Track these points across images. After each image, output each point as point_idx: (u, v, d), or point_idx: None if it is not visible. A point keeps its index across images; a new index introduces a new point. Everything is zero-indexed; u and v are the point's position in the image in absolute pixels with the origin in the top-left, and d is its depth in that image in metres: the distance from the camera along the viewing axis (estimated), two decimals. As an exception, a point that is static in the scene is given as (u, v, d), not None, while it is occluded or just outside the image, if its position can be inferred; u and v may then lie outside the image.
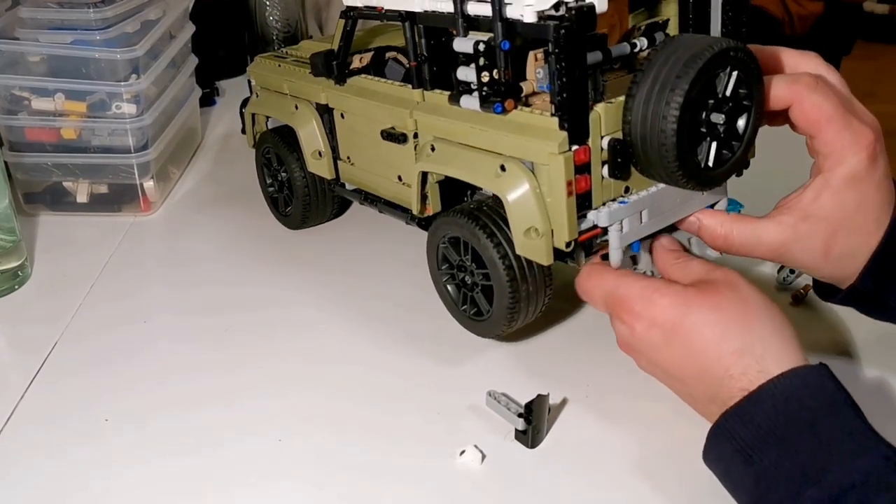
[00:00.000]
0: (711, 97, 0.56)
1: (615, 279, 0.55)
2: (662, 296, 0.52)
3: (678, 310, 0.51)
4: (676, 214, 0.62)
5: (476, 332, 0.67)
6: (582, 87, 0.56)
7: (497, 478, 0.56)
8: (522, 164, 0.59)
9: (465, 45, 0.58)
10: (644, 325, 0.52)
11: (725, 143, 0.58)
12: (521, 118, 0.59)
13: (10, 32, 0.86)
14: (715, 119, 0.56)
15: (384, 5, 0.66)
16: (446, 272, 0.68)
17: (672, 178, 0.56)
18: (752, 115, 0.58)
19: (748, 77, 0.56)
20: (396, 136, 0.68)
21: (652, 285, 0.53)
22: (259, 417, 0.62)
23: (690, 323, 0.51)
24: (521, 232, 0.59)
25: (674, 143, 0.54)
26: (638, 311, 0.53)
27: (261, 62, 0.87)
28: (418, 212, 0.69)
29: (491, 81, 0.58)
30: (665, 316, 0.52)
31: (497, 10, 0.56)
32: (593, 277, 0.56)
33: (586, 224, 0.59)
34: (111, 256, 0.84)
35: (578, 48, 0.54)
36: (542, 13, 0.54)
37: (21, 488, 0.57)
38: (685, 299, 0.52)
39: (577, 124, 0.56)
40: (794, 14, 2.15)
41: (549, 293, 0.64)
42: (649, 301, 0.52)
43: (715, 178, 0.58)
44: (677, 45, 0.55)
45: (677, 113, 0.53)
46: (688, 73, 0.53)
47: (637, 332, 0.53)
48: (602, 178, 0.59)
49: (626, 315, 0.53)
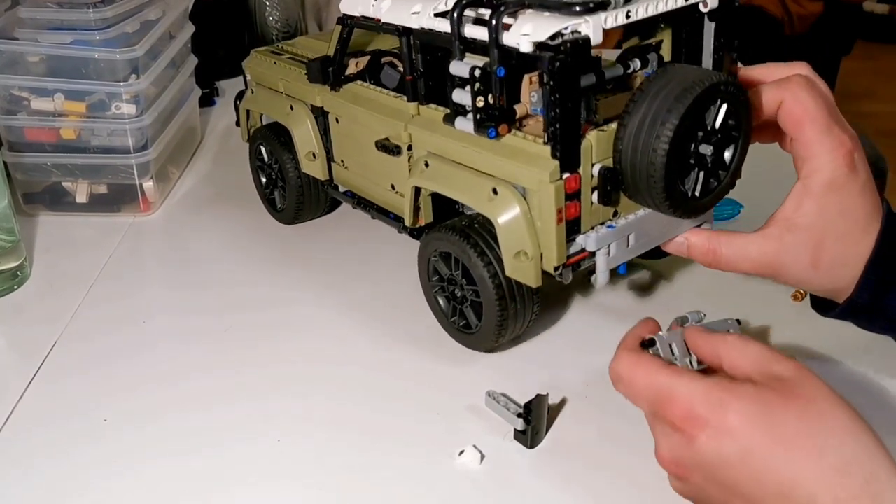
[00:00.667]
0: (701, 129, 0.57)
1: (669, 376, 0.45)
2: (737, 398, 0.42)
3: (759, 417, 0.42)
4: (663, 237, 0.63)
5: (464, 344, 0.68)
6: (575, 118, 0.57)
7: (496, 478, 0.56)
8: (514, 189, 0.60)
9: (461, 69, 0.59)
10: (712, 434, 0.42)
11: (712, 172, 0.59)
12: (515, 143, 0.60)
13: (10, 32, 0.86)
14: (703, 150, 0.57)
15: (381, 17, 0.66)
16: (437, 284, 0.68)
17: (659, 207, 0.58)
18: (739, 146, 0.59)
19: (737, 109, 0.57)
20: (391, 149, 0.69)
21: (719, 384, 0.44)
22: (258, 417, 0.62)
23: (777, 434, 0.41)
24: (510, 255, 0.60)
25: (662, 175, 0.55)
26: (704, 416, 0.43)
27: (256, 57, 0.87)
28: (411, 223, 0.70)
29: (486, 106, 0.59)
30: (742, 424, 0.42)
31: (494, 36, 0.57)
32: (640, 369, 0.47)
33: (575, 247, 0.60)
34: (111, 256, 0.84)
35: (573, 80, 0.56)
36: (538, 43, 0.55)
37: (21, 488, 0.57)
38: (764, 403, 0.42)
39: (569, 153, 0.57)
40: (794, 14, 2.16)
41: (537, 310, 0.66)
42: (719, 404, 0.42)
43: (701, 206, 0.60)
44: (669, 78, 0.56)
45: (667, 147, 0.55)
46: (678, 108, 0.55)
47: (699, 444, 0.43)
48: (591, 203, 0.60)
49: (684, 421, 0.43)
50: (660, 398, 0.45)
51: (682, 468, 0.45)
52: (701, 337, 0.50)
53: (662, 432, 0.45)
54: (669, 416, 0.44)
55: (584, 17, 0.54)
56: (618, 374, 0.48)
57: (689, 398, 0.44)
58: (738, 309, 0.67)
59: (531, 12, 0.56)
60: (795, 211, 0.56)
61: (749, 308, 0.69)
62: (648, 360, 0.47)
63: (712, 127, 0.57)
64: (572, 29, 0.55)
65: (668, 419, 0.44)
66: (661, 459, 0.46)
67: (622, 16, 0.56)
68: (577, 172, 0.58)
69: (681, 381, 0.44)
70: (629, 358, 0.48)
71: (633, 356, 0.48)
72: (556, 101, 0.55)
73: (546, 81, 0.55)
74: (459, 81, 0.60)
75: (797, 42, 2.16)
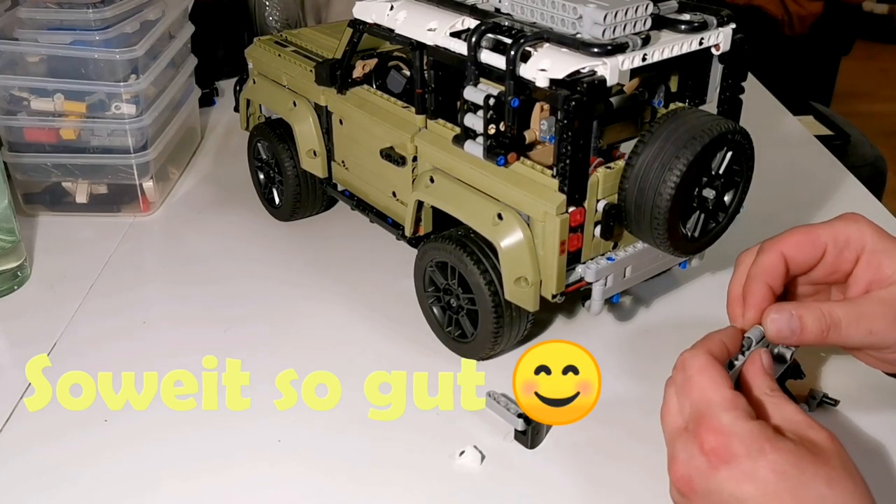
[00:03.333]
0: (705, 174, 0.58)
1: (727, 404, 0.45)
2: (774, 450, 0.43)
3: (788, 474, 0.42)
4: (658, 269, 0.66)
5: (460, 353, 0.68)
6: (585, 155, 0.57)
7: (496, 478, 0.56)
8: (519, 216, 0.60)
9: (475, 96, 0.59)
10: (735, 474, 0.43)
11: (712, 214, 0.61)
12: (523, 171, 0.61)
13: (10, 33, 0.86)
14: (706, 194, 0.59)
15: (396, 29, 0.66)
16: (432, 294, 0.68)
17: (660, 246, 0.60)
18: (739, 190, 0.61)
19: (741, 156, 0.59)
20: (395, 158, 0.69)
21: (764, 432, 0.43)
22: (258, 417, 0.62)
23: (798, 495, 0.42)
24: (511, 279, 0.61)
25: (666, 218, 0.57)
26: (737, 455, 0.43)
27: (260, 46, 0.86)
28: (411, 233, 0.70)
29: (497, 133, 0.59)
30: (770, 475, 0.42)
31: (511, 67, 0.57)
32: (706, 376, 0.46)
33: (574, 277, 0.62)
34: (111, 257, 0.84)
35: (586, 119, 0.56)
36: (554, 80, 0.56)
37: (21, 488, 0.57)
38: (796, 462, 0.42)
39: (577, 188, 0.58)
40: (794, 14, 2.15)
41: (532, 318, 0.66)
42: (758, 450, 0.43)
43: (698, 246, 0.62)
44: (679, 123, 0.57)
45: (672, 192, 0.56)
46: (685, 155, 0.56)
47: (720, 476, 0.43)
48: (593, 237, 0.61)
49: (716, 450, 0.43)
50: (706, 414, 0.45)
51: (691, 489, 0.44)
52: (755, 379, 0.49)
53: (686, 448, 0.45)
54: (702, 437, 0.44)
55: (601, 59, 0.55)
56: (684, 366, 0.47)
57: (732, 432, 0.43)
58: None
59: (549, 46, 0.57)
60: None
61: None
62: (720, 374, 0.46)
63: (716, 172, 0.59)
64: (589, 69, 0.55)
65: (700, 439, 0.44)
66: (674, 473, 0.45)
67: (639, 58, 0.56)
68: (583, 207, 0.59)
69: (732, 414, 0.44)
70: (705, 360, 0.47)
71: (710, 360, 0.47)
72: (567, 137, 0.56)
73: (560, 119, 0.56)
74: (472, 106, 0.60)
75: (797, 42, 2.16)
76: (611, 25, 0.56)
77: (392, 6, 0.67)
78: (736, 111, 0.65)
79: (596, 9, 0.55)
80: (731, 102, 0.64)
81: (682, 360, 0.48)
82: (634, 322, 0.72)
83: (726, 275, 0.68)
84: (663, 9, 0.61)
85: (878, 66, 3.16)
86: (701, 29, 0.60)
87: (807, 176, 0.97)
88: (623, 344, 0.70)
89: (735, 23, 0.61)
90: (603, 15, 0.55)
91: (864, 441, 0.59)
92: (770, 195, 0.61)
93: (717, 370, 0.46)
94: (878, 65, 3.17)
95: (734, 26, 0.61)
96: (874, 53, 3.17)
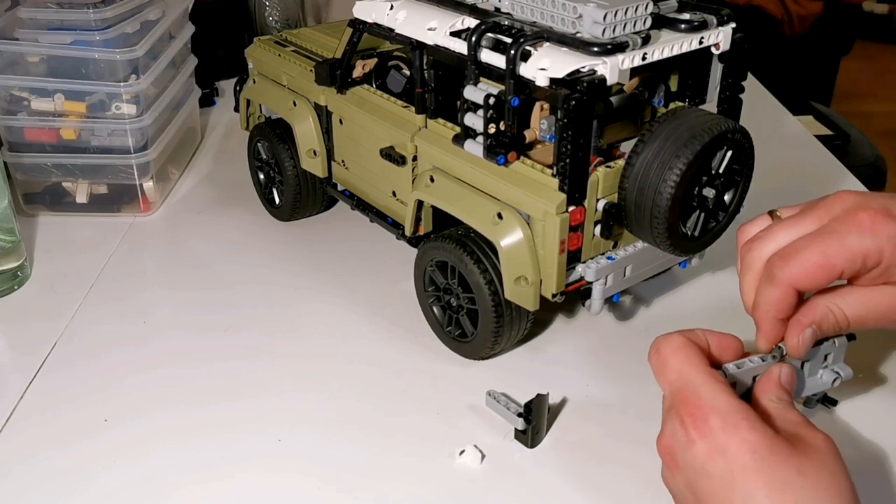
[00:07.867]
0: (705, 173, 0.58)
1: (705, 378, 0.45)
2: (750, 428, 0.43)
3: (759, 454, 0.42)
4: (658, 268, 0.66)
5: (459, 352, 0.68)
6: (585, 154, 0.57)
7: (496, 478, 0.56)
8: (519, 215, 0.60)
9: (475, 95, 0.59)
10: (709, 447, 0.43)
11: (712, 213, 0.61)
12: (523, 170, 0.61)
13: (10, 33, 0.86)
14: (706, 193, 0.59)
15: (396, 28, 0.66)
16: (432, 294, 0.68)
17: (660, 245, 0.60)
18: (739, 190, 0.61)
19: (741, 155, 0.59)
20: (395, 158, 0.69)
21: (743, 410, 0.44)
22: (259, 416, 0.62)
23: (766, 476, 0.42)
24: (511, 279, 0.61)
25: (666, 217, 0.57)
26: (713, 429, 0.43)
27: (260, 46, 0.86)
28: (411, 233, 0.70)
29: (497, 133, 0.60)
30: (741, 452, 0.42)
31: (511, 67, 0.57)
32: (681, 356, 0.47)
33: (574, 276, 0.62)
34: (111, 257, 0.84)
35: (586, 119, 0.56)
36: (554, 79, 0.56)
37: (21, 488, 0.57)
38: (771, 445, 0.42)
39: (577, 188, 0.58)
40: (794, 14, 2.15)
41: (532, 317, 0.66)
42: (733, 425, 0.43)
43: (697, 246, 0.62)
44: (679, 123, 0.57)
45: (673, 191, 0.56)
46: (685, 154, 0.56)
47: (695, 449, 0.43)
48: (593, 236, 0.61)
49: (694, 424, 0.44)
50: (686, 394, 0.45)
51: (674, 463, 0.45)
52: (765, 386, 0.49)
53: (672, 424, 0.45)
54: (683, 412, 0.45)
55: (602, 59, 0.55)
56: (658, 349, 0.48)
57: (710, 407, 0.44)
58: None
59: (549, 46, 0.57)
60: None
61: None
62: (694, 353, 0.47)
63: (716, 171, 0.59)
64: (589, 68, 0.55)
65: (681, 414, 0.45)
66: (660, 445, 0.46)
67: (639, 57, 0.57)
68: (583, 206, 0.59)
69: (713, 388, 0.45)
70: (679, 342, 0.47)
71: (683, 342, 0.47)
72: (567, 137, 0.56)
73: (560, 118, 0.56)
74: (472, 105, 0.60)
75: (796, 42, 2.16)
76: (611, 25, 0.56)
77: (392, 6, 0.67)
78: (736, 110, 0.65)
79: (596, 8, 0.55)
80: (731, 102, 0.65)
81: (654, 344, 0.48)
82: (635, 321, 0.73)
83: (726, 275, 0.69)
84: (663, 8, 0.61)
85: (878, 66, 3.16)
86: (701, 28, 0.60)
87: (807, 176, 0.97)
88: (623, 343, 0.70)
89: (735, 22, 0.61)
90: (603, 14, 0.55)
91: (863, 442, 0.59)
92: (770, 195, 0.61)
93: (692, 348, 0.47)
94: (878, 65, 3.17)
95: (734, 26, 0.61)
96: (874, 53, 3.17)
